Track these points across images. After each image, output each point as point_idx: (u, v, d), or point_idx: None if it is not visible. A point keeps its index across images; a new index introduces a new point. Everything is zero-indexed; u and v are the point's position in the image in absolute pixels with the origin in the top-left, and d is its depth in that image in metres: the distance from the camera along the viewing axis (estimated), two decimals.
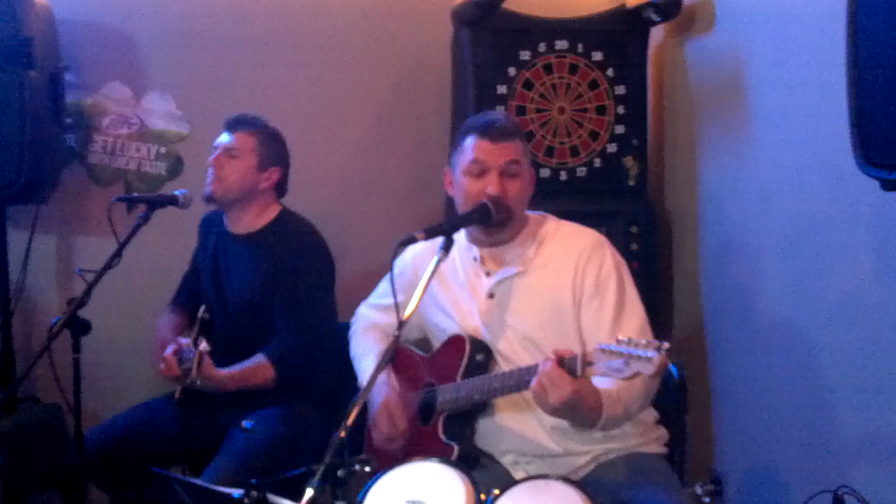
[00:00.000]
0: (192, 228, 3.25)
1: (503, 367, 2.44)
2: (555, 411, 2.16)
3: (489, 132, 2.46)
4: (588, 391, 2.17)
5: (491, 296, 2.51)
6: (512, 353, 2.45)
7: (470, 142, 2.48)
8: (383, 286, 2.80)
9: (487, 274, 2.53)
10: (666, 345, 1.99)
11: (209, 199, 3.03)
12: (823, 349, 2.86)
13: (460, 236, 2.54)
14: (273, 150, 3.08)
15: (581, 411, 2.18)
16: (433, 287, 2.41)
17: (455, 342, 2.52)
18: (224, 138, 3.05)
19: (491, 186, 2.43)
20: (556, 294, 2.44)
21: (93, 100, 3.59)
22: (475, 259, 2.56)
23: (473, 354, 2.46)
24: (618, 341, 2.04)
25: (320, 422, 2.95)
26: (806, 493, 2.68)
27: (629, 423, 2.39)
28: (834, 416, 2.82)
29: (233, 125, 3.06)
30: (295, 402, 2.96)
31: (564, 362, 2.12)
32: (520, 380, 2.27)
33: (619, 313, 2.38)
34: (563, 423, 2.33)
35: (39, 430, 3.20)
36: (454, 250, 2.47)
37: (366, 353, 2.69)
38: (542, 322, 2.43)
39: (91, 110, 3.60)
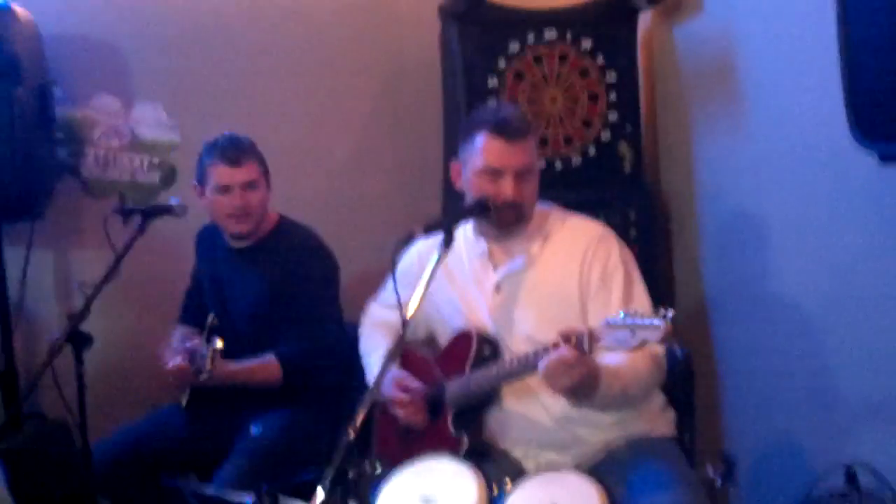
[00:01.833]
0: (187, 237, 3.23)
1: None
2: (565, 391, 2.14)
3: (503, 132, 2.40)
4: (591, 368, 2.15)
5: (498, 289, 2.49)
6: (517, 348, 2.41)
7: (481, 141, 2.42)
8: (391, 284, 2.78)
9: (494, 268, 2.51)
10: (671, 312, 1.97)
11: (244, 237, 2.99)
12: (827, 324, 2.86)
13: (468, 230, 2.53)
14: (265, 163, 3.03)
15: (583, 389, 2.16)
16: (440, 282, 2.39)
17: (462, 338, 2.50)
18: (233, 174, 2.92)
19: (507, 191, 2.39)
20: (563, 287, 2.42)
21: (82, 112, 3.57)
22: (483, 253, 2.54)
23: (481, 348, 2.44)
24: (623, 315, 2.03)
25: (325, 424, 2.94)
26: (818, 468, 2.69)
27: (637, 409, 2.38)
28: (841, 390, 2.82)
29: (235, 157, 2.93)
30: (300, 405, 2.95)
31: (572, 340, 2.09)
32: (528, 363, 2.23)
33: (625, 301, 2.36)
34: (571, 412, 2.32)
35: (46, 446, 3.20)
36: (461, 244, 2.47)
37: (374, 350, 2.68)
38: (549, 317, 2.39)
39: (81, 123, 3.57)
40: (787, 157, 2.96)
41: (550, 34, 3.48)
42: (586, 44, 3.49)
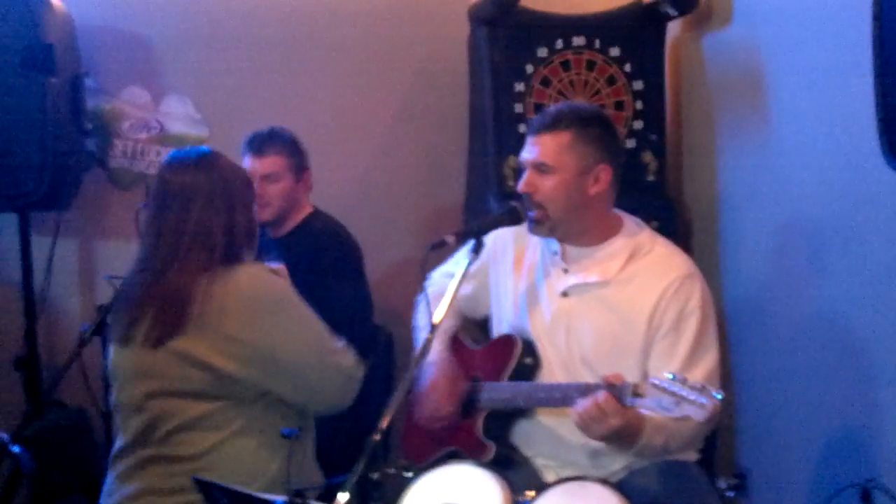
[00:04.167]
0: None
1: (550, 374, 2.39)
2: (599, 439, 2.12)
3: (534, 124, 2.42)
4: (632, 417, 2.10)
5: (565, 295, 2.40)
6: (563, 364, 2.38)
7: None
8: (460, 254, 2.55)
9: (566, 271, 2.42)
10: (721, 394, 1.91)
11: (266, 225, 3.04)
12: (846, 342, 2.85)
13: None
14: (301, 157, 3.12)
15: (621, 437, 2.13)
16: (506, 270, 2.42)
17: (506, 341, 2.46)
18: (255, 164, 3.03)
19: (521, 182, 2.38)
20: (631, 316, 2.31)
21: (112, 104, 3.60)
22: (555, 253, 2.45)
23: (523, 357, 2.40)
24: (673, 379, 1.96)
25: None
26: (833, 486, 2.69)
27: None
28: (858, 409, 2.82)
29: (259, 148, 3.04)
30: None
31: (614, 389, 2.04)
32: (566, 396, 2.19)
33: (691, 356, 2.26)
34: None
35: (67, 433, 3.23)
36: (536, 241, 2.45)
37: (426, 326, 2.58)
38: (608, 343, 2.33)
39: (111, 115, 3.60)
40: (812, 174, 2.96)
41: (579, 40, 3.47)
42: (614, 51, 3.49)
